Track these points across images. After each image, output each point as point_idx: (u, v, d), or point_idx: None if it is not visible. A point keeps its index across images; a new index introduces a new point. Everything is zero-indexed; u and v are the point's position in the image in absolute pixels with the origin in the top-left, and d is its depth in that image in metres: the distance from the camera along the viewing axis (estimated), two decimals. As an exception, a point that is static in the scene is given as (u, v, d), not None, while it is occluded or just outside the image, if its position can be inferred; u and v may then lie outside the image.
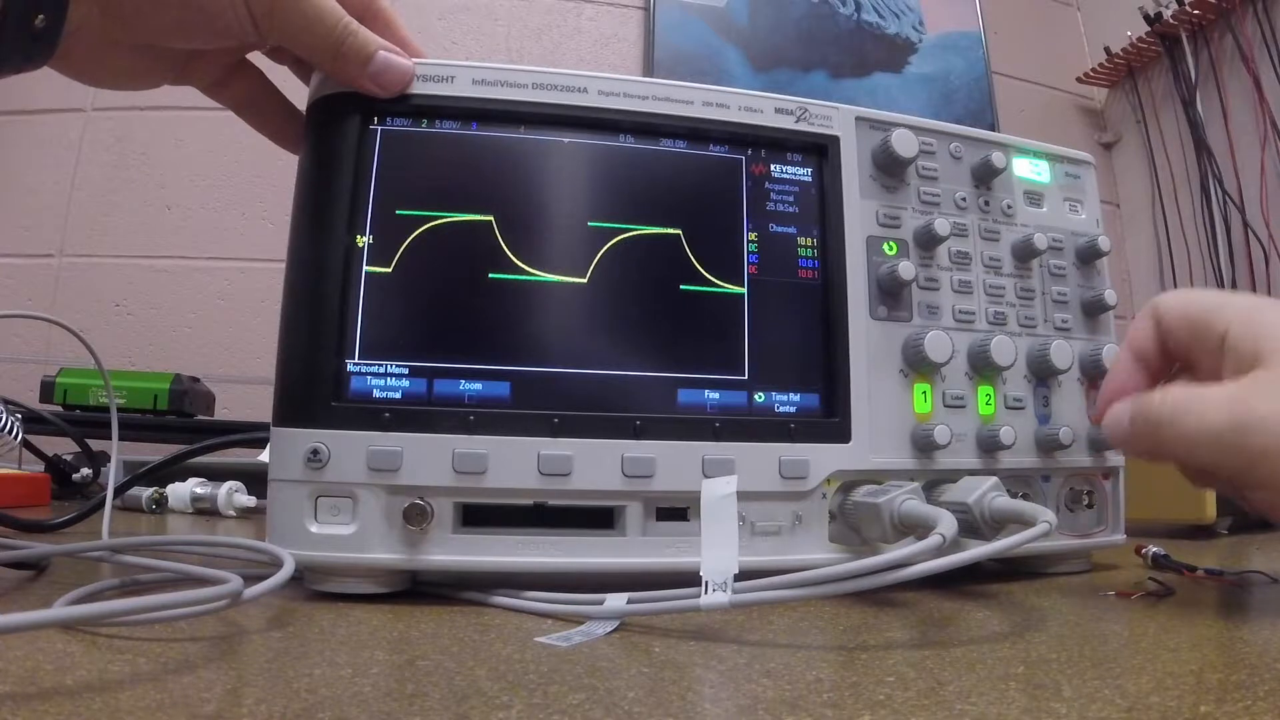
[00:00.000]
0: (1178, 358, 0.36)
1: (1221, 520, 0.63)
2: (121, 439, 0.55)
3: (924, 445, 0.41)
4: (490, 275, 0.38)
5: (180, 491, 0.74)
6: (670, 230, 0.40)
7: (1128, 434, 0.34)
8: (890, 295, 0.42)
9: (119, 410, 0.67)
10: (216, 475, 0.77)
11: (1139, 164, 1.48)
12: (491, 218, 0.39)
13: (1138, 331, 0.37)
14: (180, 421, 0.95)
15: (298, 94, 0.40)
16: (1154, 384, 0.36)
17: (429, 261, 0.38)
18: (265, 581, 0.29)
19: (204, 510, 0.73)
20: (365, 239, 0.37)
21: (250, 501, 0.74)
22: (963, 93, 1.46)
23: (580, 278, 0.39)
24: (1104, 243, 0.46)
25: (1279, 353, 0.30)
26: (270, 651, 0.27)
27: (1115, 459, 0.45)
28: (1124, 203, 1.53)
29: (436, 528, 0.35)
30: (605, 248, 0.39)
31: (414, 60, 0.39)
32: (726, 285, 0.40)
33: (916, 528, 0.36)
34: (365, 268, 0.37)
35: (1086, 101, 1.58)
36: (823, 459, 0.39)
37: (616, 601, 0.31)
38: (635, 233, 0.40)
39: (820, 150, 0.43)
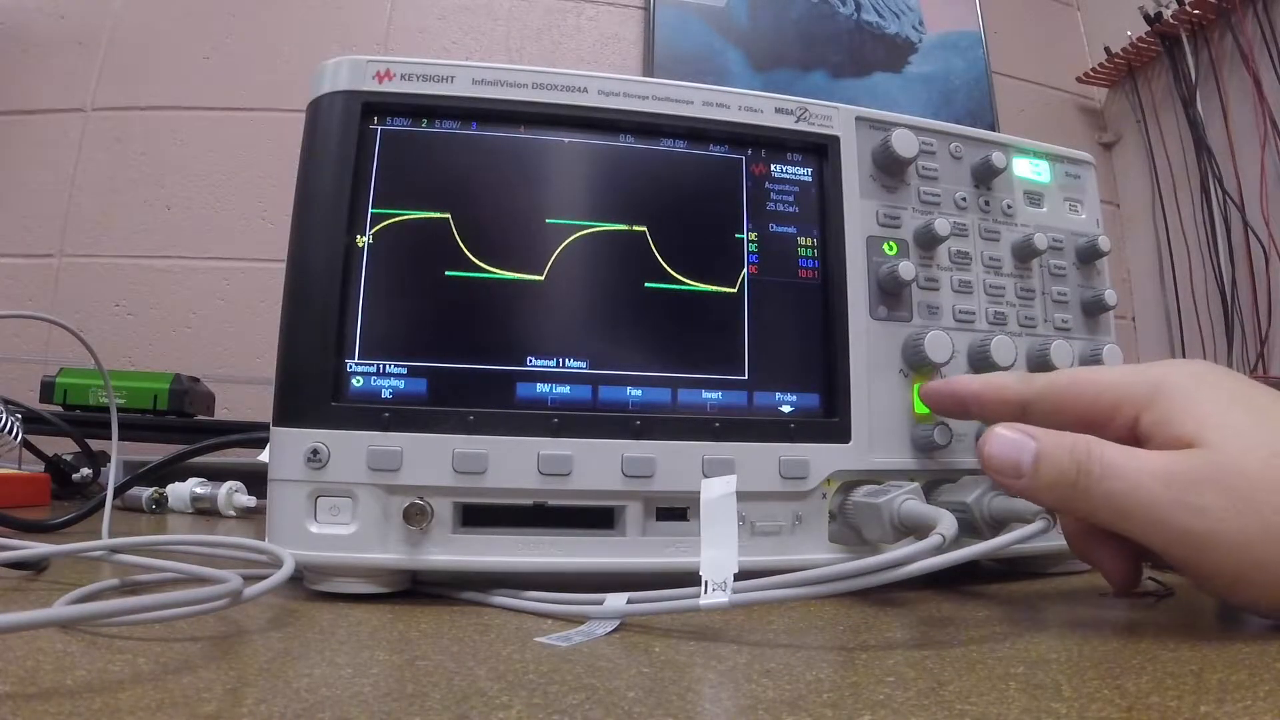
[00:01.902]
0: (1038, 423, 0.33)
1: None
2: (121, 439, 0.55)
3: (924, 445, 0.41)
4: (499, 275, 0.38)
5: (180, 491, 0.73)
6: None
7: (1029, 469, 0.30)
8: (890, 295, 0.42)
9: (119, 410, 0.67)
10: (216, 475, 0.77)
11: (1139, 164, 1.48)
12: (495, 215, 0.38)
13: (991, 394, 0.35)
14: (180, 421, 0.95)
15: (301, 93, 0.40)
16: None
17: (420, 259, 0.38)
18: (265, 581, 0.29)
19: (204, 510, 0.73)
20: (365, 239, 0.37)
21: (250, 501, 0.74)
22: (963, 93, 1.46)
23: (538, 275, 0.39)
24: (1104, 243, 0.46)
25: (1207, 430, 0.28)
26: (270, 651, 0.27)
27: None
28: (1124, 203, 1.52)
29: (436, 527, 0.35)
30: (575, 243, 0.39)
31: (414, 60, 0.39)
32: (696, 283, 0.40)
33: (916, 528, 0.36)
34: (364, 267, 0.37)
35: (1086, 101, 1.58)
36: (823, 459, 0.39)
37: (616, 601, 0.31)
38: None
39: (820, 150, 0.43)
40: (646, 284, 0.39)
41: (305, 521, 0.35)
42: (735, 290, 0.40)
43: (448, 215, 0.38)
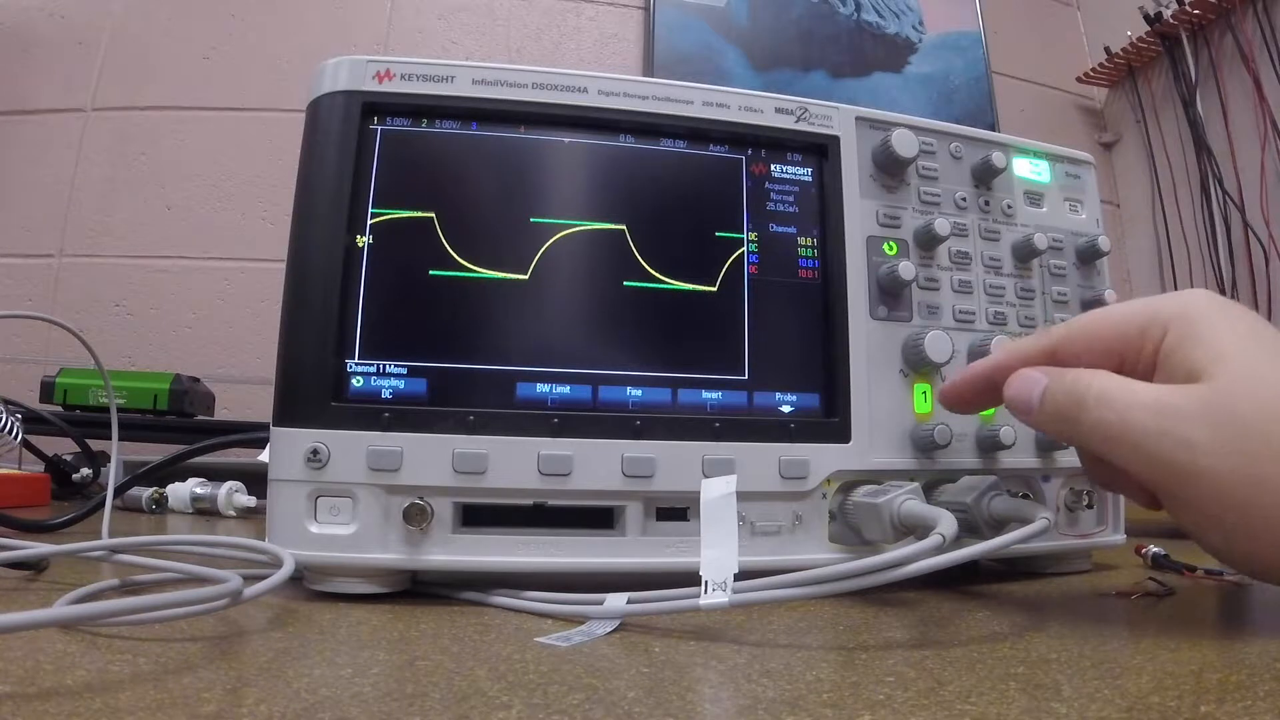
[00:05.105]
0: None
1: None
2: (121, 439, 0.55)
3: (924, 445, 0.41)
4: (496, 275, 0.38)
5: (180, 491, 0.73)
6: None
7: (1036, 405, 0.31)
8: (890, 295, 0.42)
9: (119, 410, 0.67)
10: (216, 475, 0.77)
11: (1139, 164, 1.48)
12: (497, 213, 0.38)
13: (1015, 359, 0.34)
14: (180, 421, 0.95)
15: (301, 93, 0.40)
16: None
17: (416, 258, 0.38)
18: (265, 581, 0.29)
19: (204, 510, 0.73)
20: (365, 239, 0.37)
21: (250, 501, 0.74)
22: (963, 92, 1.45)
23: (522, 274, 0.39)
24: (1104, 243, 0.46)
25: (1219, 364, 0.28)
26: (270, 651, 0.27)
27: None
28: (1124, 203, 1.52)
29: (436, 527, 0.35)
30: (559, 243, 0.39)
31: (414, 60, 0.39)
32: (677, 282, 0.40)
33: (916, 528, 0.36)
34: (364, 267, 0.37)
35: (1086, 101, 1.58)
36: (822, 459, 0.39)
37: (616, 601, 0.31)
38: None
39: (820, 150, 0.43)
40: (638, 283, 0.39)
41: (305, 521, 0.35)
42: (719, 289, 0.40)
43: (454, 215, 0.38)
